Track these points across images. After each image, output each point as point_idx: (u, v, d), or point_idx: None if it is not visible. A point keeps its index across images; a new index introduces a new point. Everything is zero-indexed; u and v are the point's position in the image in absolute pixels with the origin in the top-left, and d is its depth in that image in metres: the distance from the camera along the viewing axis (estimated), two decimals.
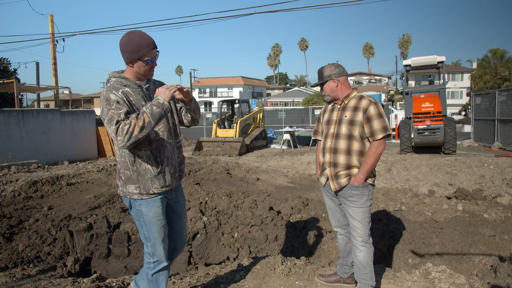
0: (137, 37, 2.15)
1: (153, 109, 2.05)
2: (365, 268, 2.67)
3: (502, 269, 3.14)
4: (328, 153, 2.73)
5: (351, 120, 2.65)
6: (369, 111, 2.61)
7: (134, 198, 2.26)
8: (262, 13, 12.24)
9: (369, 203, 2.68)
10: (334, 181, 2.71)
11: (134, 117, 2.03)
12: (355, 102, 2.69)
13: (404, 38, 67.21)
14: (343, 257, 2.97)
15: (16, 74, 20.51)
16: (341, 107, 2.75)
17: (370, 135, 2.63)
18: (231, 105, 16.46)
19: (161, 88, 2.15)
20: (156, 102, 2.08)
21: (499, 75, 31.17)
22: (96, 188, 6.95)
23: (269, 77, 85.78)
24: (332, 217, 2.95)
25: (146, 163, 2.22)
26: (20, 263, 4.59)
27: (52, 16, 16.11)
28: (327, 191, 2.88)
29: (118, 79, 2.21)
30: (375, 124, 2.60)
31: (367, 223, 2.67)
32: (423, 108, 10.15)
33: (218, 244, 4.86)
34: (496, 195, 5.70)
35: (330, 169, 2.73)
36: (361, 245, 2.67)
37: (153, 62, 2.22)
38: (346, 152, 2.66)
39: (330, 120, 2.80)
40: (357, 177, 2.62)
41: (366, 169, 2.61)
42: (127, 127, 1.99)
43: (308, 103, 39.33)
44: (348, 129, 2.65)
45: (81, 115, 12.48)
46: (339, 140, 2.69)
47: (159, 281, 2.40)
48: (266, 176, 8.16)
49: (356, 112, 2.65)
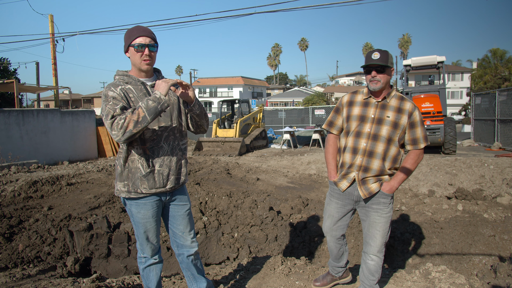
0: (134, 27, 2.22)
1: (149, 103, 2.03)
2: (374, 275, 2.54)
3: (502, 269, 3.14)
4: (360, 155, 2.41)
5: (395, 122, 2.37)
6: (415, 116, 2.37)
7: (122, 196, 2.27)
8: (262, 13, 12.23)
9: (392, 213, 2.50)
10: (362, 187, 2.43)
11: (129, 112, 2.02)
12: (398, 102, 2.42)
13: (404, 38, 67.22)
14: (336, 259, 2.79)
15: (16, 74, 20.52)
16: (380, 104, 2.43)
17: (412, 143, 2.40)
18: (231, 105, 16.47)
19: (160, 80, 2.12)
20: (152, 97, 2.06)
21: (499, 75, 31.16)
22: (96, 188, 6.95)
23: (269, 77, 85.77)
24: (329, 226, 2.65)
25: (138, 161, 2.20)
26: (20, 263, 4.59)
27: (52, 16, 16.11)
28: (341, 198, 2.56)
29: (121, 77, 2.22)
30: (419, 132, 2.38)
31: (387, 234, 2.49)
32: (423, 108, 10.14)
33: (218, 244, 4.86)
34: (496, 195, 5.70)
35: (358, 173, 2.43)
36: (374, 255, 2.50)
37: (144, 49, 2.16)
38: (382, 157, 2.39)
39: (365, 116, 2.44)
40: (391, 185, 2.40)
41: (403, 178, 2.40)
42: (122, 121, 1.99)
43: (308, 103, 39.36)
44: (390, 132, 2.37)
45: (81, 115, 12.48)
46: (377, 143, 2.38)
47: (150, 276, 2.45)
48: (266, 176, 8.16)
49: (401, 114, 2.38)
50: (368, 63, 2.36)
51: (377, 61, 2.32)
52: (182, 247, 2.48)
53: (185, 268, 2.53)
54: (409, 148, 2.43)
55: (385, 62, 2.33)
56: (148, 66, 2.22)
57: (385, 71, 2.35)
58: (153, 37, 2.20)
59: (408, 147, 2.43)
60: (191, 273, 2.54)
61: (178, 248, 2.49)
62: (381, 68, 2.34)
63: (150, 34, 2.19)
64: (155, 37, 2.22)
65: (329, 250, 2.79)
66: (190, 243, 2.48)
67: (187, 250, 2.48)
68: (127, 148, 2.20)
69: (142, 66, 2.21)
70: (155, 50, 2.23)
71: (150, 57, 2.20)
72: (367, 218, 2.51)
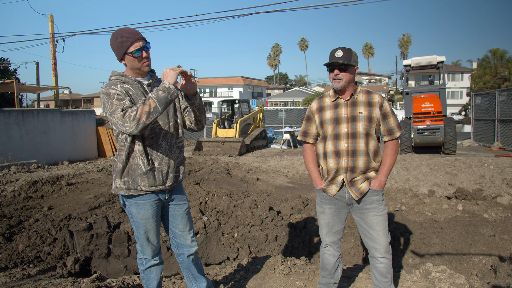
0: (119, 33, 2.17)
1: (159, 93, 2.03)
2: (386, 277, 2.47)
3: (502, 269, 3.14)
4: (344, 156, 2.37)
5: (368, 116, 2.37)
6: (385, 107, 2.40)
7: (121, 194, 2.27)
8: (262, 13, 12.24)
9: (387, 210, 2.45)
10: (352, 189, 2.39)
11: (140, 104, 2.02)
12: (366, 97, 2.42)
13: (404, 38, 67.23)
14: (330, 275, 2.61)
15: (16, 74, 20.51)
16: (350, 102, 2.41)
17: (387, 133, 2.43)
18: (231, 105, 16.47)
19: (167, 69, 2.11)
20: (162, 87, 2.06)
21: (499, 75, 31.18)
22: (96, 188, 6.95)
23: (269, 77, 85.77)
24: (327, 233, 2.55)
25: (139, 158, 2.21)
26: (20, 263, 4.59)
27: (52, 16, 16.12)
28: (333, 203, 2.49)
29: (117, 77, 2.22)
30: (392, 121, 2.41)
31: (388, 232, 2.43)
32: (423, 108, 10.15)
33: (218, 244, 4.86)
34: (496, 195, 5.70)
35: (346, 175, 2.39)
36: (383, 257, 2.42)
37: (142, 53, 2.16)
38: (366, 154, 2.37)
39: (338, 117, 2.41)
40: (379, 180, 2.40)
41: (388, 170, 2.40)
42: (134, 113, 1.99)
43: (308, 103, 39.36)
44: (367, 127, 2.36)
45: (81, 115, 12.49)
46: (357, 140, 2.36)
47: (150, 278, 2.44)
48: (266, 176, 8.16)
49: (372, 108, 2.38)
50: (330, 61, 2.35)
51: (339, 60, 2.31)
52: (182, 246, 2.48)
53: (185, 268, 2.53)
54: (386, 139, 2.45)
55: (348, 60, 2.31)
56: (149, 66, 2.26)
57: (348, 70, 2.33)
58: (142, 37, 2.20)
59: (385, 138, 2.45)
60: (191, 273, 2.53)
61: (178, 248, 2.49)
62: (344, 67, 2.32)
63: (140, 35, 2.19)
64: (143, 36, 2.22)
65: (323, 264, 2.63)
66: (190, 242, 2.48)
67: (187, 249, 2.48)
68: (129, 144, 2.20)
69: (143, 69, 2.23)
70: (149, 49, 2.24)
71: (148, 57, 2.22)
72: (364, 221, 2.45)
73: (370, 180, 2.41)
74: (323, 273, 2.64)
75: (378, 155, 2.45)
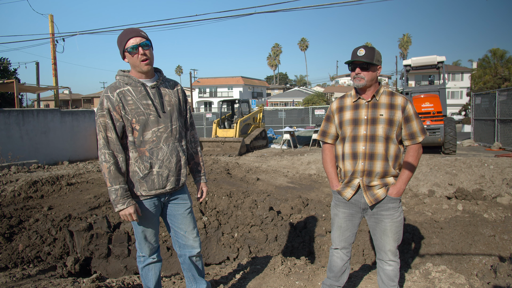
0: (123, 31, 2.20)
1: (111, 190, 2.16)
2: (394, 280, 2.44)
3: (502, 269, 3.14)
4: (361, 159, 2.30)
5: (389, 119, 2.27)
6: (408, 110, 2.29)
7: None
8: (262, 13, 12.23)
9: (403, 215, 2.37)
10: (367, 193, 2.32)
11: (108, 158, 2.14)
12: (388, 98, 2.32)
13: (404, 39, 67.17)
14: (336, 277, 2.57)
15: (16, 74, 20.55)
16: (371, 104, 2.33)
17: (409, 138, 2.31)
18: (231, 105, 16.47)
19: (127, 216, 2.19)
20: (112, 195, 2.15)
21: (499, 75, 31.18)
22: (96, 188, 6.94)
23: (269, 77, 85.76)
24: (339, 237, 2.49)
25: (134, 165, 2.21)
26: (20, 263, 4.59)
27: (52, 16, 16.11)
28: (348, 207, 2.43)
29: (121, 77, 2.22)
30: (415, 125, 2.29)
31: (399, 238, 2.38)
32: (423, 108, 10.14)
33: (218, 244, 4.86)
34: (496, 195, 5.70)
35: (362, 179, 2.31)
36: (391, 261, 2.40)
37: (138, 50, 2.14)
38: (384, 158, 2.27)
39: (357, 119, 2.34)
40: (398, 188, 2.30)
41: (408, 177, 2.29)
42: (102, 158, 2.16)
43: (308, 103, 39.36)
44: (386, 130, 2.27)
45: (81, 115, 12.49)
46: (375, 144, 2.28)
47: (148, 276, 2.45)
48: (266, 176, 8.16)
49: (394, 110, 2.28)
50: (352, 59, 2.29)
51: (361, 58, 2.25)
52: (185, 247, 2.45)
53: (186, 269, 2.51)
54: (407, 144, 2.34)
55: (370, 59, 2.25)
56: (148, 66, 2.19)
57: (370, 69, 2.28)
58: (143, 35, 2.17)
59: (406, 142, 2.34)
60: (192, 274, 2.52)
61: (180, 249, 2.46)
62: (365, 65, 2.26)
63: (140, 33, 2.17)
64: (146, 35, 2.19)
65: (330, 266, 2.58)
66: (192, 242, 2.44)
67: (189, 250, 2.45)
68: (125, 151, 2.22)
69: (142, 68, 2.18)
70: (149, 48, 2.19)
71: (146, 55, 2.16)
72: (377, 225, 2.38)
73: (388, 187, 2.33)
74: (329, 274, 2.61)
75: (398, 160, 2.34)
